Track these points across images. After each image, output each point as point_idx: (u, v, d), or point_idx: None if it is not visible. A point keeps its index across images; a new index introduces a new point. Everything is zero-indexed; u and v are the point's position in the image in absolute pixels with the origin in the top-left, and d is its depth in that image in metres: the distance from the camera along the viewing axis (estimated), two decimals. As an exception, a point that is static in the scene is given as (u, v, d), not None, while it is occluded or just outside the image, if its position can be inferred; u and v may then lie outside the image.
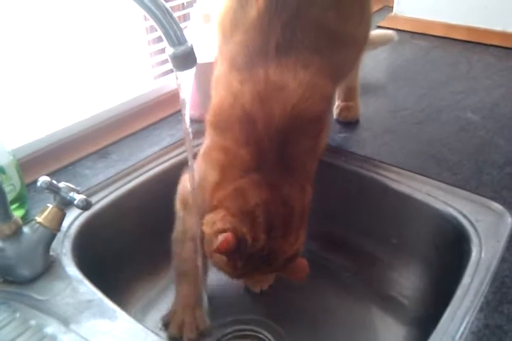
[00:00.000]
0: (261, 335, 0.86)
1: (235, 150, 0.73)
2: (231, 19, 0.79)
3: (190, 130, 0.66)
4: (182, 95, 0.62)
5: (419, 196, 0.86)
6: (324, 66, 0.77)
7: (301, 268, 0.72)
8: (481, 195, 0.84)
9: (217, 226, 0.68)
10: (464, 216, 0.80)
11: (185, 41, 0.56)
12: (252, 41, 0.75)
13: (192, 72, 0.59)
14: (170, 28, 0.55)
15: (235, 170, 0.73)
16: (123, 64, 1.14)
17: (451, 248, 0.82)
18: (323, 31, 0.78)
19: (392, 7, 1.65)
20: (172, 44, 0.56)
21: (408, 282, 0.91)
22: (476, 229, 0.77)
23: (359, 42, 0.91)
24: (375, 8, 1.75)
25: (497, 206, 0.81)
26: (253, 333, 0.86)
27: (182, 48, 0.56)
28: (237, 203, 0.70)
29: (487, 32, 1.45)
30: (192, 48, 0.57)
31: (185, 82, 0.61)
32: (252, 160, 0.72)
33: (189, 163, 0.69)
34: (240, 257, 0.68)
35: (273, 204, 0.70)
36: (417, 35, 1.53)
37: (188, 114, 0.64)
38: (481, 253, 0.73)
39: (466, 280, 0.69)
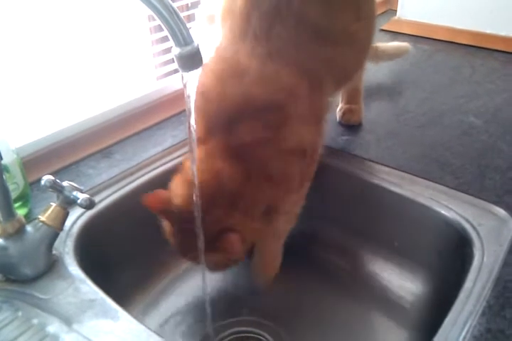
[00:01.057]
0: (261, 337, 0.86)
1: (195, 120, 0.75)
2: (226, 6, 0.82)
3: (194, 129, 0.66)
4: (187, 95, 0.62)
5: (421, 200, 0.86)
6: (301, 61, 0.78)
7: (230, 242, 0.71)
8: (484, 200, 0.84)
9: None
10: (467, 220, 0.80)
11: (192, 41, 0.56)
12: (236, 27, 0.79)
13: (198, 72, 0.59)
14: (177, 28, 0.55)
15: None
16: (126, 64, 1.14)
17: (453, 252, 0.82)
18: (305, 26, 0.78)
19: (396, 10, 1.65)
20: (178, 44, 0.56)
21: (410, 285, 0.91)
22: (478, 234, 0.77)
23: (358, 42, 0.90)
24: (378, 11, 1.75)
25: (499, 210, 0.82)
26: (254, 335, 0.86)
27: (188, 48, 0.56)
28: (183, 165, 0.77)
29: (491, 37, 1.45)
30: (198, 48, 0.57)
31: (191, 83, 0.61)
32: (201, 133, 0.75)
33: (192, 164, 0.69)
34: (170, 217, 0.74)
35: (201, 174, 0.71)
36: (420, 38, 1.53)
37: (193, 113, 0.64)
38: (483, 258, 0.73)
39: (468, 284, 0.69)
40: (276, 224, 0.84)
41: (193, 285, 0.93)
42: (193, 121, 0.65)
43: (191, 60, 0.56)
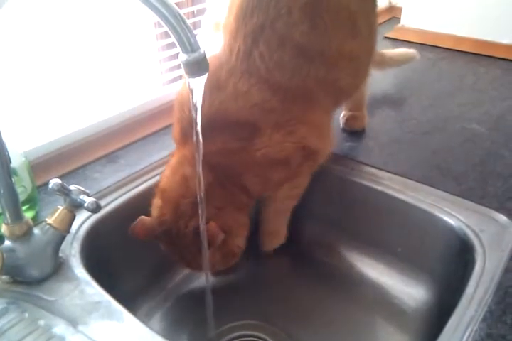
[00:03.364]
0: (264, 341, 0.87)
1: (174, 126, 0.85)
2: (224, 21, 0.84)
3: (200, 134, 0.67)
4: (193, 101, 0.63)
5: (424, 206, 0.87)
6: (275, 79, 0.79)
7: (210, 231, 0.74)
8: (486, 206, 0.85)
9: None
10: (468, 226, 0.81)
11: (199, 48, 0.57)
12: (226, 42, 0.81)
13: (204, 78, 0.60)
14: (184, 35, 0.56)
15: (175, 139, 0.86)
16: (133, 70, 1.15)
17: (455, 258, 0.83)
18: (289, 46, 0.79)
19: (400, 18, 1.66)
20: (185, 51, 0.57)
21: (412, 291, 0.91)
22: (480, 240, 0.78)
23: (355, 60, 0.89)
24: (382, 19, 1.77)
25: (501, 217, 0.82)
26: (257, 339, 0.87)
27: (195, 55, 0.57)
28: None
29: (494, 44, 1.46)
30: (205, 55, 0.58)
31: (197, 88, 0.62)
32: (178, 138, 0.83)
33: (197, 168, 0.70)
34: (159, 238, 0.80)
35: (170, 179, 0.80)
36: (424, 46, 1.54)
37: (199, 118, 0.65)
38: (485, 263, 0.73)
39: (469, 289, 0.69)
40: (275, 203, 0.93)
41: (197, 288, 0.94)
42: (199, 127, 0.66)
43: (198, 66, 0.58)
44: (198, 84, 0.60)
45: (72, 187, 0.69)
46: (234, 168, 0.80)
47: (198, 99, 0.62)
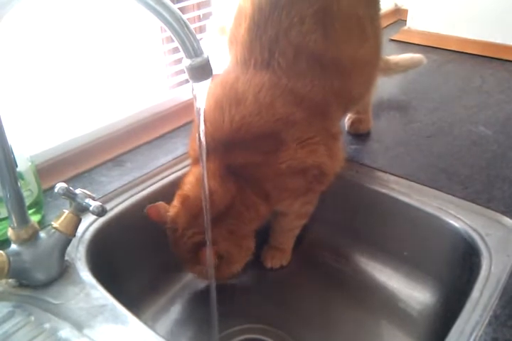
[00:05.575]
0: (269, 345, 0.86)
1: (193, 139, 0.84)
2: (232, 33, 0.85)
3: (204, 142, 0.67)
4: (197, 106, 0.64)
5: (429, 209, 0.87)
6: (301, 90, 0.79)
7: (201, 257, 0.76)
8: (492, 209, 0.84)
9: None
10: (475, 230, 0.81)
11: (202, 53, 0.58)
12: (239, 55, 0.81)
13: (208, 83, 0.60)
14: (187, 39, 0.56)
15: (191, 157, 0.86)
16: (140, 74, 1.16)
17: (461, 261, 0.82)
18: (305, 55, 0.79)
19: (406, 21, 1.66)
20: (189, 56, 0.57)
21: (418, 294, 0.91)
22: (486, 243, 0.78)
23: (367, 65, 0.90)
24: (388, 21, 1.77)
25: (508, 220, 0.82)
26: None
27: (198, 60, 0.57)
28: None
29: (501, 47, 1.45)
30: (208, 60, 0.58)
31: (201, 93, 0.62)
32: (195, 155, 0.82)
33: (203, 172, 0.70)
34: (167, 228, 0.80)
35: (194, 190, 0.79)
36: (430, 49, 1.54)
37: (202, 124, 0.65)
38: (490, 267, 0.73)
39: (475, 293, 0.69)
40: (286, 218, 0.93)
41: (201, 292, 0.94)
42: (202, 131, 0.66)
43: (201, 71, 0.58)
44: (202, 89, 0.61)
45: (78, 190, 0.70)
46: (258, 178, 0.80)
47: (201, 104, 0.62)
